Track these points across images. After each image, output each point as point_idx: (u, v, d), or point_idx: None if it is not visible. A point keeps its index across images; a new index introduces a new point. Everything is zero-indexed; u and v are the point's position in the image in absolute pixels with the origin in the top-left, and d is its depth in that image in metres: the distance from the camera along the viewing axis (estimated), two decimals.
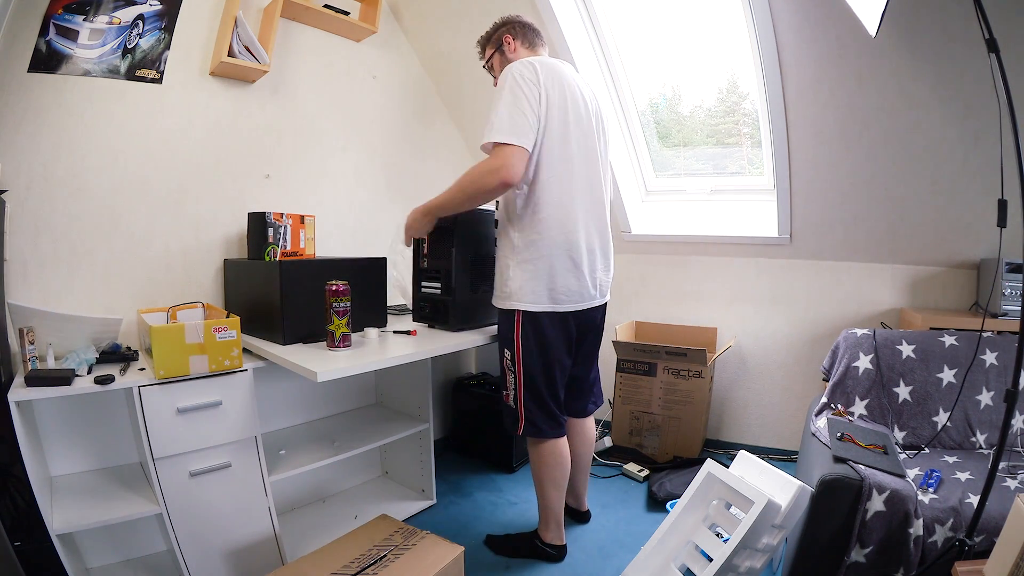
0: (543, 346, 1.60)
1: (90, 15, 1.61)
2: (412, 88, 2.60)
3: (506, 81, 1.48)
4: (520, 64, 1.51)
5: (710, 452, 2.62)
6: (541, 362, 1.61)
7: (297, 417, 2.09)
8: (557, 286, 1.56)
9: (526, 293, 1.56)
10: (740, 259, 2.60)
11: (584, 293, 1.61)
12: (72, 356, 1.45)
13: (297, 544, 1.78)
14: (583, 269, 1.59)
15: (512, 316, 1.60)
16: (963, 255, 2.18)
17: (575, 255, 1.57)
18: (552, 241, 1.54)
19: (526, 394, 1.63)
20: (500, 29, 1.75)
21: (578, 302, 1.61)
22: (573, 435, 1.84)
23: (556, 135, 1.52)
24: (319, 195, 2.24)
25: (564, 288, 1.57)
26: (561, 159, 1.53)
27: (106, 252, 1.69)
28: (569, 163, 1.55)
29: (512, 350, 1.62)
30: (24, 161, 1.53)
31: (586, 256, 1.59)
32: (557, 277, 1.55)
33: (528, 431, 1.65)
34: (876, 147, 2.01)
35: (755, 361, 2.63)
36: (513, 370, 1.63)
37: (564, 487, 1.74)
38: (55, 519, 1.31)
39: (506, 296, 1.60)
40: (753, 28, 1.89)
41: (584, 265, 1.59)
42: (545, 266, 1.55)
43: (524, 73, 1.48)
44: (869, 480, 1.35)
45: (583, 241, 1.58)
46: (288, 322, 1.62)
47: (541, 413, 1.64)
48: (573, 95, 1.56)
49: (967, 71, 1.70)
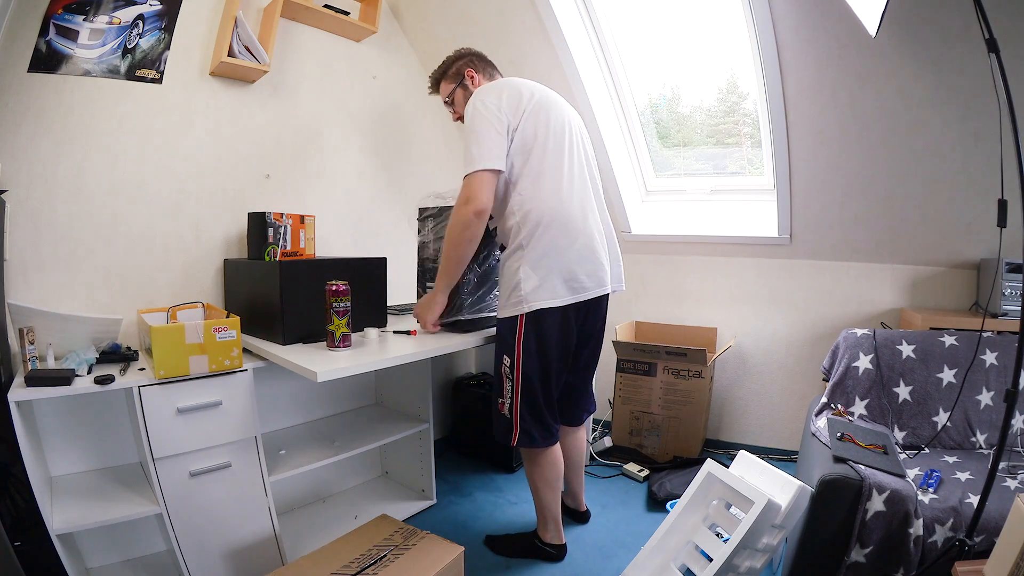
0: (543, 350, 1.58)
1: (90, 15, 1.61)
2: (412, 88, 2.60)
3: (470, 118, 1.54)
4: (478, 93, 1.57)
5: (710, 452, 2.62)
6: (540, 366, 1.59)
7: (297, 417, 2.09)
8: (577, 273, 1.56)
9: (540, 291, 1.53)
10: (740, 259, 2.60)
11: (602, 276, 1.62)
12: (72, 356, 1.45)
13: (297, 544, 1.78)
14: (595, 253, 1.60)
15: (515, 321, 1.57)
16: (963, 255, 2.18)
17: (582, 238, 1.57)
18: (553, 233, 1.53)
19: (522, 402, 1.61)
20: (458, 63, 1.79)
21: (598, 286, 1.61)
22: (564, 437, 1.83)
23: (531, 136, 1.54)
24: (319, 195, 2.24)
25: (584, 272, 1.57)
26: (539, 162, 1.55)
27: (106, 252, 1.69)
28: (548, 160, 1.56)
29: (512, 356, 1.59)
30: (24, 161, 1.53)
31: (595, 236, 1.61)
32: (573, 264, 1.55)
33: (522, 441, 1.63)
34: (876, 147, 2.01)
35: (755, 361, 2.63)
36: (511, 377, 1.61)
37: (559, 487, 1.75)
38: (55, 519, 1.31)
39: (513, 303, 1.56)
40: (753, 28, 1.89)
41: (596, 249, 1.60)
42: (559, 260, 1.54)
43: (485, 99, 1.54)
44: (869, 480, 1.35)
45: (582, 224, 1.58)
46: (288, 322, 1.62)
47: (535, 422, 1.63)
48: (538, 101, 1.58)
49: (967, 71, 1.70)
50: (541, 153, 1.55)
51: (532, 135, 1.55)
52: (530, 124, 1.55)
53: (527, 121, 1.54)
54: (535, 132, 1.55)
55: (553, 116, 1.60)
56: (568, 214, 1.56)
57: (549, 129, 1.57)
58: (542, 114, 1.57)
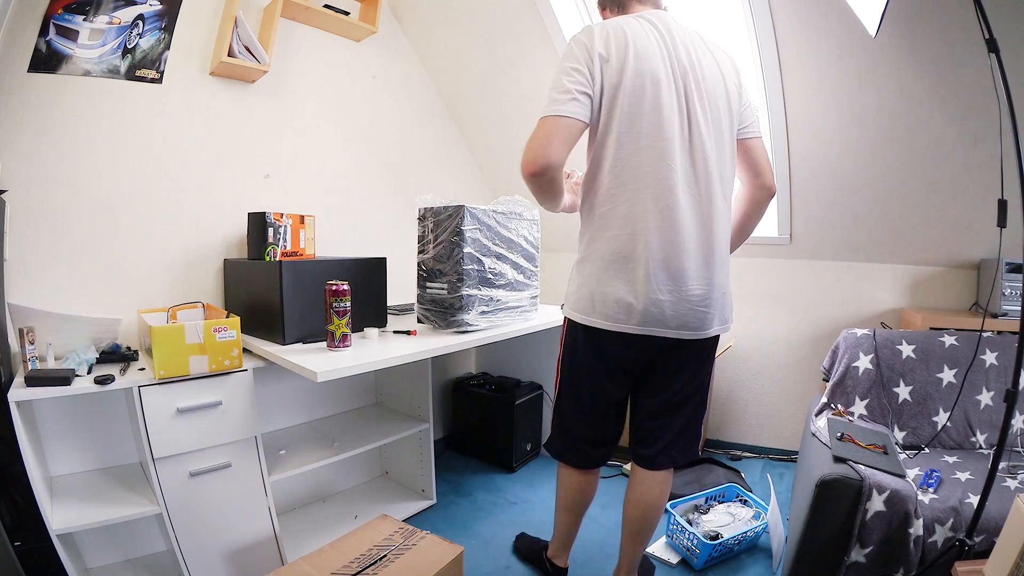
0: (576, 364, 1.39)
1: (90, 15, 1.61)
2: (412, 88, 2.60)
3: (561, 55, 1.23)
4: (577, 34, 1.23)
5: (710, 452, 2.62)
6: (571, 379, 1.41)
7: (297, 417, 2.09)
8: (606, 298, 1.24)
9: (573, 300, 1.33)
10: (740, 259, 2.59)
11: (647, 315, 1.22)
12: (72, 356, 1.45)
13: (297, 544, 1.78)
14: (646, 283, 1.21)
15: (565, 321, 1.41)
16: (963, 255, 2.18)
17: (632, 263, 1.22)
18: (607, 245, 1.24)
19: (555, 406, 1.50)
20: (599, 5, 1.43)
21: (637, 324, 1.23)
22: (630, 485, 1.51)
23: (619, 109, 1.18)
24: (319, 195, 2.24)
25: (614, 301, 1.24)
26: (627, 139, 1.20)
27: (106, 252, 1.69)
28: (639, 143, 1.20)
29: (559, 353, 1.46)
30: (24, 161, 1.53)
31: (656, 266, 1.21)
32: (607, 287, 1.24)
33: (547, 446, 1.54)
34: (876, 147, 2.01)
35: (755, 361, 2.63)
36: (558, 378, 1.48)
37: (576, 514, 1.59)
38: (55, 519, 1.31)
39: (565, 298, 1.40)
40: (753, 28, 1.89)
41: (649, 278, 1.21)
42: (595, 271, 1.26)
43: (577, 39, 1.21)
44: (869, 480, 1.35)
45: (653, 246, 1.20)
46: (288, 322, 1.62)
47: (560, 432, 1.49)
48: (652, 61, 1.18)
49: (967, 71, 1.70)
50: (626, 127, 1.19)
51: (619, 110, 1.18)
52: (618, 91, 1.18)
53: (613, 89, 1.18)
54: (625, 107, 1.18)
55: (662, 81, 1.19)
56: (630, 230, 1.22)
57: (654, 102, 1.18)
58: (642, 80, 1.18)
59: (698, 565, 1.72)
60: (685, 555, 1.78)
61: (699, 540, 1.69)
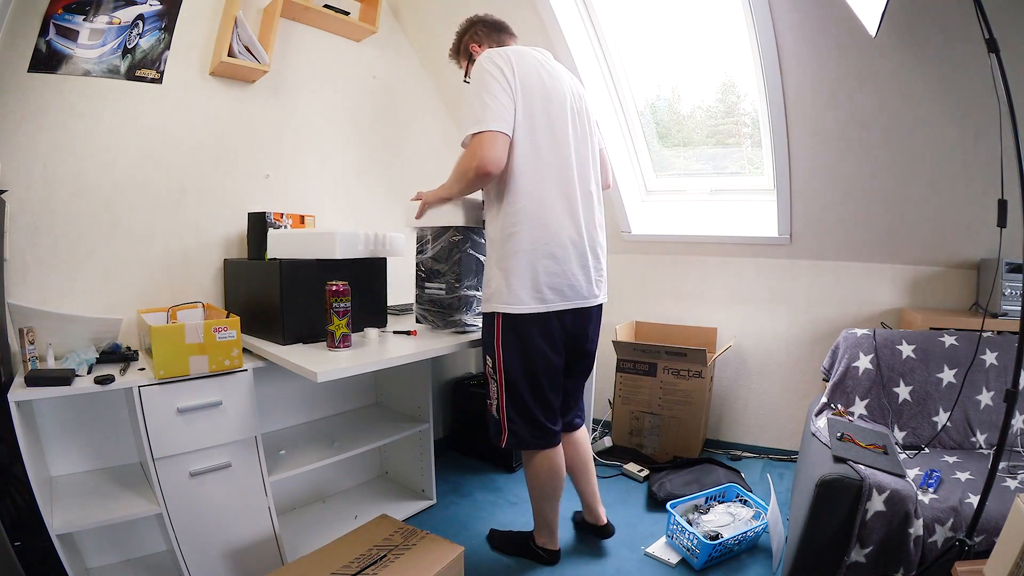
0: (526, 352, 1.51)
1: (90, 15, 1.61)
2: (412, 88, 2.60)
3: (475, 75, 1.46)
4: (486, 54, 1.47)
5: (710, 452, 2.62)
6: (524, 368, 1.52)
7: (297, 417, 2.09)
8: (540, 283, 1.46)
9: (505, 294, 1.47)
10: (740, 259, 2.60)
11: (575, 289, 1.52)
12: (72, 356, 1.45)
13: (297, 544, 1.78)
14: (569, 263, 1.49)
15: (492, 320, 1.52)
16: (963, 255, 2.18)
17: (556, 249, 1.47)
18: (531, 234, 1.45)
19: (508, 404, 1.56)
20: (464, 37, 1.72)
21: (568, 299, 1.51)
22: (565, 444, 1.73)
23: (526, 120, 1.44)
24: (319, 195, 2.24)
25: (548, 284, 1.47)
26: (533, 146, 1.45)
27: (106, 252, 1.69)
28: (541, 150, 1.46)
29: (493, 357, 1.54)
30: (24, 161, 1.53)
31: (570, 248, 1.49)
32: (540, 274, 1.46)
33: (511, 443, 1.58)
34: (876, 147, 2.01)
35: (755, 361, 2.63)
36: (495, 378, 1.56)
37: (557, 498, 1.70)
38: (55, 519, 1.31)
39: (487, 298, 1.53)
40: (753, 28, 1.89)
41: (569, 259, 1.49)
42: (525, 262, 1.45)
43: (492, 59, 1.44)
44: (869, 480, 1.35)
45: (564, 233, 1.48)
46: (288, 322, 1.62)
47: (524, 423, 1.57)
48: (543, 82, 1.48)
49: (967, 71, 1.70)
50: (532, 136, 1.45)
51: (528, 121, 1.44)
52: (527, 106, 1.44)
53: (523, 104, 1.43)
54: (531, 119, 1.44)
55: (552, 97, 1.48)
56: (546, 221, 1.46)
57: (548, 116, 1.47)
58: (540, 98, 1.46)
59: (698, 565, 1.72)
60: (685, 555, 1.78)
61: (699, 540, 1.69)
